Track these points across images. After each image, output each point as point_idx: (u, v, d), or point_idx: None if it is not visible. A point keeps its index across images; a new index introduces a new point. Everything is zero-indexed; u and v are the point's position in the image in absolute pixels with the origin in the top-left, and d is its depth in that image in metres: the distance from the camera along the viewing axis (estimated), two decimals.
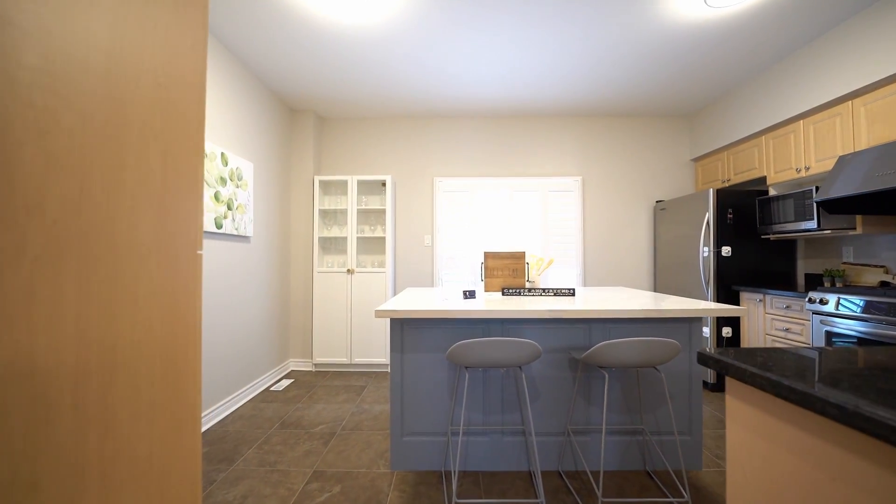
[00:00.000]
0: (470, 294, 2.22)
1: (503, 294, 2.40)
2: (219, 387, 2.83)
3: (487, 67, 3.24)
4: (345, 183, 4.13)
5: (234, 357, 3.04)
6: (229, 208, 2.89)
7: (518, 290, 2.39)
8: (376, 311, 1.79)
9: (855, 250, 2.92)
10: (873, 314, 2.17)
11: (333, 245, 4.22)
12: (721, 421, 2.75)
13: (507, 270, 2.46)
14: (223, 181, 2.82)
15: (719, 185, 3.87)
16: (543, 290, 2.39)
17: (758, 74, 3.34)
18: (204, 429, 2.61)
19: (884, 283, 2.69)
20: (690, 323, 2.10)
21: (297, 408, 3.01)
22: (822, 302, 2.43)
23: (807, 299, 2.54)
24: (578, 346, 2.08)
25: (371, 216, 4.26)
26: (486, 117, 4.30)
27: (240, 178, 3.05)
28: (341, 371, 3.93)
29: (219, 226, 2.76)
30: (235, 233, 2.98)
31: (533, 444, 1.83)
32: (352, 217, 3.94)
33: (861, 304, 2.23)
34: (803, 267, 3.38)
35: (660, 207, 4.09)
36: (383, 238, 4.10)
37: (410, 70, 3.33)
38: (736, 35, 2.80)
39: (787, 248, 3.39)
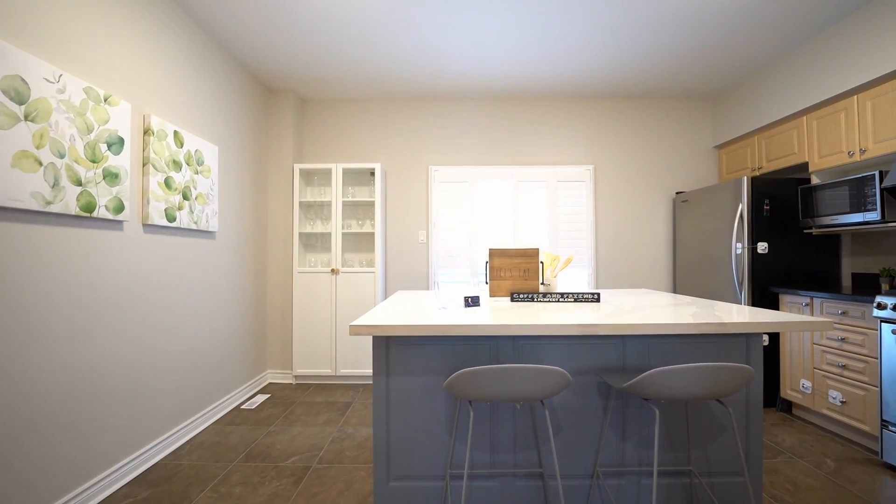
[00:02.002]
0: (472, 301, 1.79)
1: (512, 300, 1.97)
2: (174, 410, 2.38)
3: (492, 41, 2.80)
4: (329, 172, 3.68)
5: (196, 372, 2.59)
6: (185, 198, 2.44)
7: (531, 296, 1.96)
8: (351, 326, 1.35)
9: None
10: None
11: (316, 242, 3.77)
12: (773, 450, 2.33)
13: (517, 271, 2.03)
14: (177, 165, 2.37)
15: (749, 174, 3.45)
16: (561, 294, 1.96)
17: (800, 45, 2.92)
18: (151, 464, 2.16)
19: None
20: (749, 338, 1.68)
21: (269, 432, 2.57)
22: None
23: (874, 304, 2.12)
24: (610, 366, 1.66)
25: (359, 209, 3.81)
26: (489, 99, 3.86)
27: (200, 163, 2.59)
28: (325, 384, 3.49)
29: (171, 218, 2.31)
30: (195, 227, 2.52)
31: (559, 490, 1.40)
32: (336, 210, 3.49)
33: None
34: (849, 265, 2.97)
35: (681, 199, 3.67)
36: (372, 234, 3.66)
37: (404, 45, 2.89)
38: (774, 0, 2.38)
39: (830, 244, 2.98)
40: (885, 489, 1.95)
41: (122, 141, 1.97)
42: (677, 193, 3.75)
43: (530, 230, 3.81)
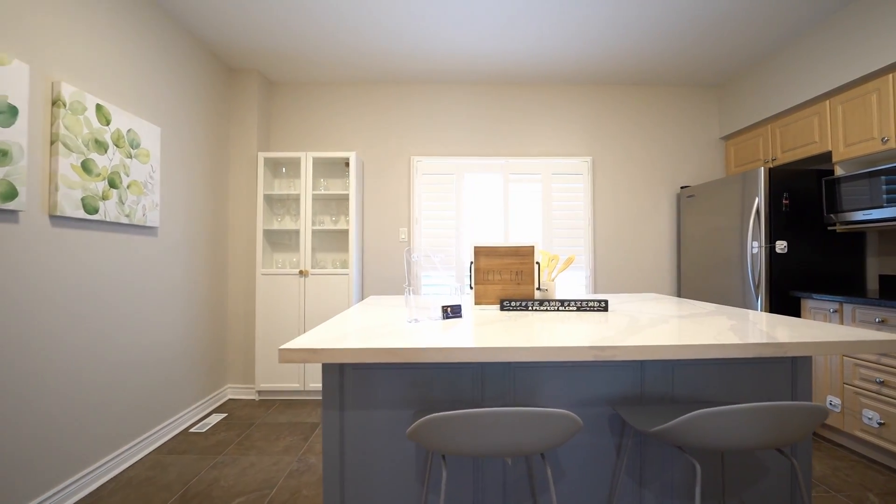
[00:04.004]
0: (452, 311, 1.43)
1: (502, 309, 1.62)
2: (99, 439, 1.97)
3: (481, 16, 2.45)
4: (297, 161, 3.29)
5: (132, 392, 2.19)
6: (112, 186, 2.04)
7: (525, 304, 1.61)
8: (281, 350, 0.98)
9: None
10: None
11: (284, 240, 3.38)
12: None
13: (508, 273, 1.67)
14: (101, 146, 1.97)
15: (761, 166, 3.15)
16: (561, 302, 1.61)
17: (822, 22, 2.62)
18: None
19: None
20: (796, 360, 1.35)
21: (216, 463, 2.18)
22: None
23: None
24: (626, 396, 1.31)
25: (332, 204, 3.43)
26: (477, 84, 3.51)
27: (135, 146, 2.19)
28: (292, 400, 3.10)
29: (91, 209, 1.91)
30: (126, 221, 2.12)
31: None
32: (306, 205, 3.10)
33: None
34: (875, 266, 2.68)
35: (686, 195, 3.36)
36: (347, 231, 3.28)
37: (384, 19, 2.52)
38: None
39: (855, 243, 2.69)
40: None
41: (13, 110, 1.57)
42: (682, 188, 3.44)
43: (522, 228, 3.46)
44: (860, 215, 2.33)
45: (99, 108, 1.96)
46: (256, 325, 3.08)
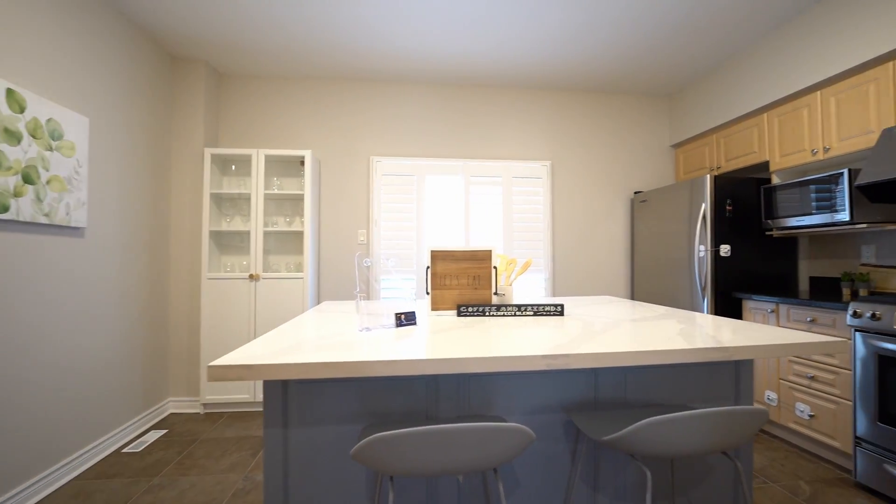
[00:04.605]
0: (407, 318, 1.37)
1: (459, 314, 1.58)
2: (10, 466, 1.75)
3: (443, 15, 2.40)
4: (248, 159, 3.12)
5: (55, 410, 1.96)
6: (28, 181, 1.82)
7: (482, 309, 1.58)
8: (210, 367, 0.89)
9: (879, 249, 2.43)
10: None
11: (233, 242, 3.18)
12: None
13: (465, 278, 1.64)
14: (12, 136, 1.75)
15: (707, 174, 3.32)
16: (518, 307, 1.59)
17: (759, 39, 2.79)
18: None
19: None
20: (739, 362, 1.40)
21: (151, 485, 2.00)
22: (875, 317, 1.85)
23: (850, 312, 1.95)
24: (580, 402, 1.31)
25: (286, 204, 3.27)
26: (439, 85, 3.47)
27: (57, 138, 1.97)
28: (242, 412, 2.92)
29: (3, 207, 1.69)
30: (46, 221, 1.90)
31: None
32: (257, 204, 2.93)
33: None
34: (807, 269, 2.88)
35: (639, 199, 3.49)
36: (302, 233, 3.13)
37: (340, 15, 2.41)
38: None
39: (789, 247, 2.88)
40: None
41: None
42: (635, 193, 3.57)
43: (483, 231, 3.46)
44: (793, 221, 2.49)
45: (10, 93, 1.74)
46: (202, 334, 2.87)
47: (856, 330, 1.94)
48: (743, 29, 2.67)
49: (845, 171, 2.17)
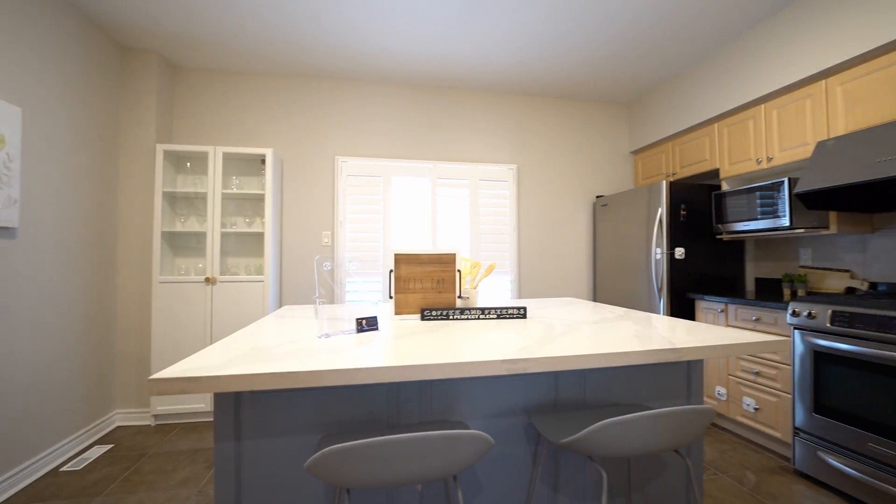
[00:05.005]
0: (368, 324, 1.34)
1: (423, 318, 1.57)
2: None
3: (413, 16, 2.38)
4: (205, 156, 2.98)
5: None
6: None
7: (446, 313, 1.57)
8: (150, 381, 0.83)
9: (814, 252, 2.62)
10: (876, 331, 1.74)
11: (188, 243, 3.03)
12: None
13: (429, 282, 1.63)
14: None
15: (663, 180, 3.47)
16: (482, 310, 1.60)
17: (710, 54, 2.95)
18: None
19: (850, 289, 2.39)
20: (690, 364, 1.46)
21: None
22: (811, 315, 1.99)
23: (790, 311, 2.09)
24: (540, 404, 1.32)
25: (246, 205, 3.15)
26: (407, 86, 3.45)
27: None
28: (197, 423, 2.78)
29: None
30: None
31: None
32: (214, 204, 2.80)
33: (864, 318, 1.80)
34: (753, 271, 3.07)
35: (601, 203, 3.60)
36: (262, 234, 3.02)
37: (301, 10, 2.35)
38: (690, 4, 2.31)
39: (737, 250, 3.06)
40: (802, 500, 1.89)
41: None
42: (597, 197, 3.68)
43: (450, 233, 3.46)
44: (741, 226, 2.65)
45: None
46: (153, 341, 2.71)
47: (795, 328, 2.09)
48: (696, 44, 2.82)
49: (785, 180, 2.32)
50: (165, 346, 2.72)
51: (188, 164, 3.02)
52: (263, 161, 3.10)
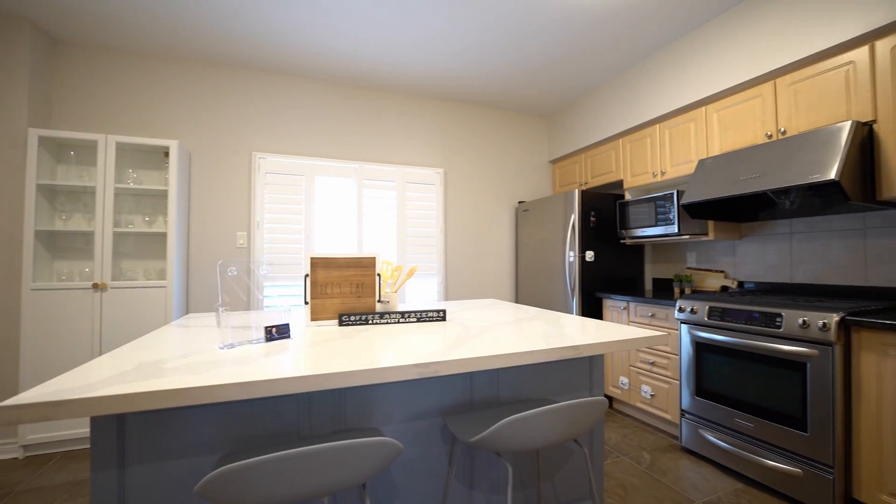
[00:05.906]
0: (279, 331, 1.28)
1: (341, 324, 1.53)
2: None
3: (341, 14, 2.32)
4: (94, 145, 2.62)
5: None
6: None
7: (365, 318, 1.55)
8: (0, 407, 0.71)
9: (698, 255, 3.00)
10: (743, 323, 2.05)
11: (76, 244, 2.64)
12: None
13: (348, 286, 1.59)
14: None
15: (578, 188, 3.76)
16: (402, 314, 1.60)
17: (617, 75, 3.26)
18: None
19: (724, 288, 2.78)
20: (591, 358, 1.60)
21: None
22: (693, 311, 2.28)
23: (676, 307, 2.38)
24: (456, 405, 1.36)
25: (146, 202, 2.83)
26: (332, 83, 3.34)
27: None
28: (78, 450, 2.43)
29: None
30: None
31: None
32: (105, 200, 2.48)
33: (733, 312, 2.11)
34: (651, 271, 3.44)
35: (522, 209, 3.80)
36: (165, 234, 2.74)
37: None
38: (601, 26, 2.55)
39: (638, 253, 3.41)
40: (686, 473, 2.16)
41: None
42: (519, 203, 3.87)
43: (377, 236, 3.42)
44: (640, 231, 2.95)
45: None
46: (21, 358, 2.32)
47: (681, 322, 2.38)
48: (604, 66, 3.09)
49: (674, 192, 2.64)
50: (41, 363, 2.35)
51: (72, 153, 2.64)
52: (167, 154, 2.81)
